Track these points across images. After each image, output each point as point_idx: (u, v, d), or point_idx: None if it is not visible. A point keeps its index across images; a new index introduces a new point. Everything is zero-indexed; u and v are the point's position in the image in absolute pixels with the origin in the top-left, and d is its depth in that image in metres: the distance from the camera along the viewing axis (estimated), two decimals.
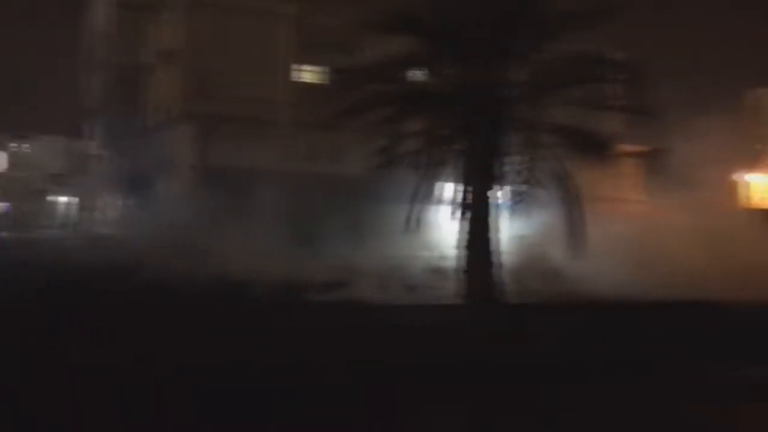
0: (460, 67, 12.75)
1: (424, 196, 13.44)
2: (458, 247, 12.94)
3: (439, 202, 14.23)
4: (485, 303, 12.31)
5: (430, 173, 13.21)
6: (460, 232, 12.93)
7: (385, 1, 13.72)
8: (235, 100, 24.41)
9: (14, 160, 51.05)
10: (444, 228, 14.40)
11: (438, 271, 15.99)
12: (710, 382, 8.06)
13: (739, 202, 38.62)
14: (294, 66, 28.28)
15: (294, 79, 28.40)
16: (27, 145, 51.65)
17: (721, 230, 23.89)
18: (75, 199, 44.65)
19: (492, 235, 12.66)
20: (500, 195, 13.07)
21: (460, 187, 13.35)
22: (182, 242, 18.68)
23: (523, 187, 12.74)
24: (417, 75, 14.01)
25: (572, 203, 12.42)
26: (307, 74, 28.12)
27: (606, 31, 13.47)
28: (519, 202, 12.83)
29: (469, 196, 12.92)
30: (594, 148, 12.33)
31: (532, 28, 12.52)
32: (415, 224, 13.58)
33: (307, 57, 27.46)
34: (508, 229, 14.27)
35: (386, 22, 13.17)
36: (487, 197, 12.66)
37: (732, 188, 40.13)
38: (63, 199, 46.98)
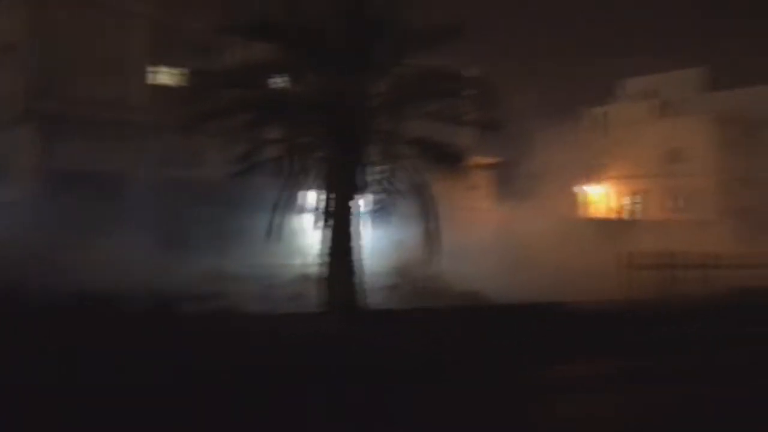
0: (322, 77, 12.88)
1: (287, 203, 13.41)
2: (321, 255, 13.02)
3: (303, 210, 14.27)
4: (345, 311, 12.45)
5: (292, 181, 13.21)
6: (323, 240, 13.03)
7: (249, 5, 13.55)
8: (85, 101, 22.88)
9: None
10: (312, 236, 14.40)
11: (304, 280, 16.00)
12: (524, 380, 8.95)
13: (579, 212, 42.21)
14: (150, 67, 27.07)
15: (150, 81, 27.18)
16: None
17: (561, 237, 25.91)
18: None
19: (353, 243, 12.87)
20: (362, 204, 13.33)
21: (323, 196, 13.47)
22: (25, 251, 17.27)
23: (384, 197, 13.08)
24: (279, 82, 13.95)
25: (429, 212, 12.93)
26: (165, 76, 27.02)
27: (463, 47, 14.23)
28: (379, 211, 13.16)
29: (331, 205, 13.06)
30: (448, 159, 12.92)
31: (392, 42, 12.91)
32: (277, 232, 13.50)
33: (164, 58, 26.37)
34: (370, 237, 14.61)
35: (247, 28, 13.03)
36: (349, 206, 12.86)
37: (573, 198, 43.83)
38: None
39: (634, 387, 9.00)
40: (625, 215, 41.04)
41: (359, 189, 13.07)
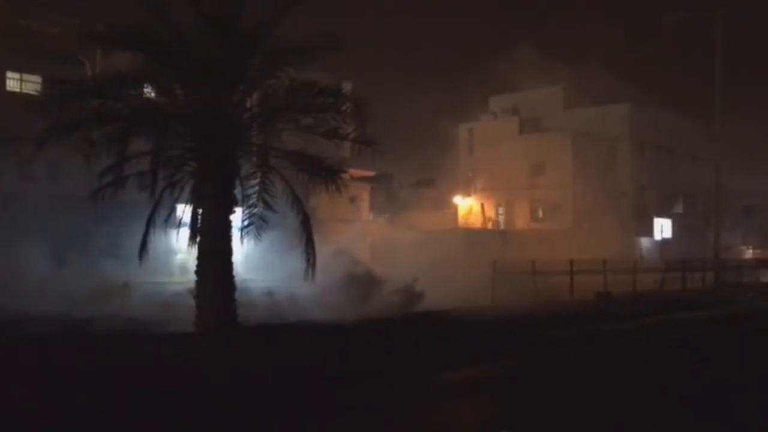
0: (190, 88, 12.55)
1: (162, 218, 12.92)
2: (195, 272, 12.60)
3: (179, 225, 13.76)
4: (215, 329, 12.13)
5: (162, 195, 12.73)
6: (199, 257, 12.63)
7: (114, 13, 12.97)
8: None
9: None
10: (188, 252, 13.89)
11: (177, 298, 15.42)
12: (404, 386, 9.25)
13: (456, 223, 43.88)
14: (7, 73, 25.12)
15: (5, 88, 25.18)
16: None
17: (438, 247, 26.81)
18: None
19: (225, 259, 12.56)
20: (235, 218, 13.06)
21: (195, 210, 13.10)
22: None
23: (256, 210, 12.92)
24: (147, 93, 13.42)
25: (303, 225, 12.93)
26: (17, 83, 25.14)
27: (337, 62, 14.41)
28: (252, 225, 12.98)
29: (203, 219, 12.70)
30: (325, 172, 12.99)
31: (264, 55, 12.83)
32: (146, 249, 12.96)
33: (18, 64, 24.53)
34: (243, 253, 14.34)
35: (111, 36, 12.45)
36: (220, 220, 12.56)
37: (451, 210, 45.50)
38: None
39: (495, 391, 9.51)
40: (494, 226, 43.15)
41: (233, 203, 12.80)
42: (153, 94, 13.41)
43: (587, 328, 14.97)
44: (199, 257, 12.60)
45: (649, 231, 43.83)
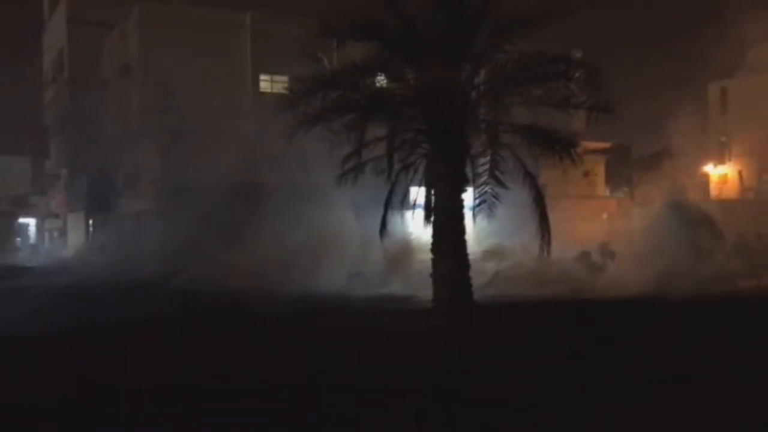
0: (421, 71, 12.74)
1: (399, 201, 13.40)
2: (432, 251, 12.85)
3: (414, 206, 14.19)
4: (457, 307, 12.28)
5: (397, 177, 13.14)
6: (433, 236, 12.86)
7: (344, 7, 13.64)
8: (198, 114, 24.08)
9: None
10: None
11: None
12: None
13: (706, 194, 39.34)
14: (260, 76, 28.11)
15: (259, 90, 28.20)
16: None
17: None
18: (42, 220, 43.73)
19: (458, 237, 12.61)
20: (468, 197, 13.06)
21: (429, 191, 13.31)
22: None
23: (487, 188, 12.74)
24: (380, 81, 13.95)
25: (536, 201, 12.47)
26: (269, 84, 27.93)
27: (564, 29, 13.64)
28: (483, 203, 12.83)
29: (437, 199, 12.87)
30: (558, 145, 12.39)
31: (489, 30, 12.57)
32: (386, 229, 13.52)
33: (268, 67, 27.27)
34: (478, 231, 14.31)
35: (345, 29, 13.11)
36: (452, 200, 12.62)
37: (702, 180, 40.83)
38: (32, 220, 46.00)
39: None
40: (755, 195, 37.88)
41: (466, 182, 12.80)
42: (385, 82, 13.91)
43: None
44: (434, 236, 12.81)
45: None
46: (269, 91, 27.57)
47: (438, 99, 12.32)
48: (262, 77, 28.26)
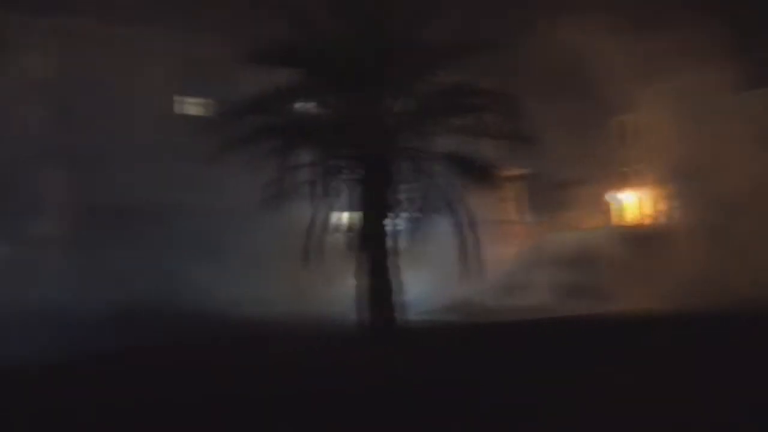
0: (345, 98, 12.92)
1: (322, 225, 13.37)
2: (356, 276, 12.90)
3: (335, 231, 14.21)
4: (383, 330, 12.42)
5: (324, 203, 13.15)
6: (359, 261, 12.93)
7: (267, 33, 13.65)
8: (113, 134, 23.24)
9: None
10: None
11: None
12: None
13: (612, 220, 41.42)
14: (177, 97, 27.48)
15: (177, 111, 27.54)
16: None
17: (596, 248, 25.39)
18: None
19: (389, 262, 12.77)
20: (398, 222, 13.25)
21: (354, 216, 13.43)
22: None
23: (417, 214, 12.98)
24: (303, 106, 14.02)
25: (465, 226, 12.80)
26: (191, 106, 27.40)
27: (481, 61, 14.16)
28: (414, 228, 13.05)
29: (365, 225, 12.98)
30: (479, 172, 12.84)
31: (410, 61, 12.94)
32: (308, 255, 13.47)
33: (189, 89, 26.76)
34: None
35: (270, 56, 13.12)
36: (382, 225, 12.81)
37: (605, 207, 42.98)
38: None
39: None
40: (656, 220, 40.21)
41: (391, 207, 13.00)
42: (308, 108, 13.99)
43: None
44: (362, 261, 12.88)
45: None
46: (188, 113, 27.05)
47: (360, 126, 12.51)
48: (185, 99, 27.67)
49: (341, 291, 17.62)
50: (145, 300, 16.82)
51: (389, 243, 12.88)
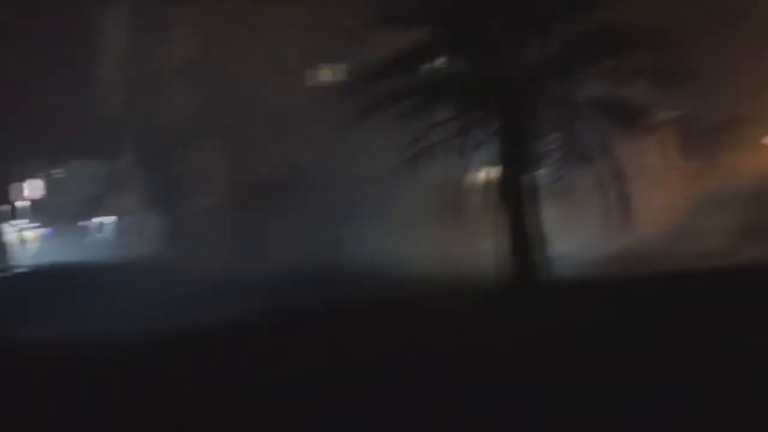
0: (484, 50, 12.55)
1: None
2: (498, 231, 12.68)
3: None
4: (525, 285, 12.17)
5: (465, 160, 12.97)
6: (501, 216, 12.69)
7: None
8: (263, 108, 24.32)
9: (50, 186, 52.06)
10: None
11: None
12: None
13: None
14: (315, 67, 28.16)
15: (314, 80, 28.26)
16: (61, 170, 52.34)
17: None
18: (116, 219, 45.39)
19: (532, 216, 12.41)
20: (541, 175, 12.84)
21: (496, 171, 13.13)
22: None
23: (562, 166, 12.47)
24: (439, 64, 13.79)
25: (621, 175, 12.10)
26: (326, 74, 27.90)
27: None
28: (559, 180, 12.57)
29: (506, 179, 12.67)
30: (630, 116, 12.08)
31: (553, 5, 12.30)
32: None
33: (326, 57, 27.29)
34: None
35: (403, 16, 12.98)
36: (524, 178, 12.44)
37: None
38: (106, 220, 47.76)
39: None
40: None
41: (534, 160, 12.57)
42: (444, 65, 13.73)
43: None
44: (504, 216, 12.63)
45: None
46: (325, 80, 27.56)
47: (502, 78, 12.12)
48: (318, 67, 28.22)
49: (486, 248, 17.44)
50: (314, 264, 17.81)
51: (532, 196, 12.46)
